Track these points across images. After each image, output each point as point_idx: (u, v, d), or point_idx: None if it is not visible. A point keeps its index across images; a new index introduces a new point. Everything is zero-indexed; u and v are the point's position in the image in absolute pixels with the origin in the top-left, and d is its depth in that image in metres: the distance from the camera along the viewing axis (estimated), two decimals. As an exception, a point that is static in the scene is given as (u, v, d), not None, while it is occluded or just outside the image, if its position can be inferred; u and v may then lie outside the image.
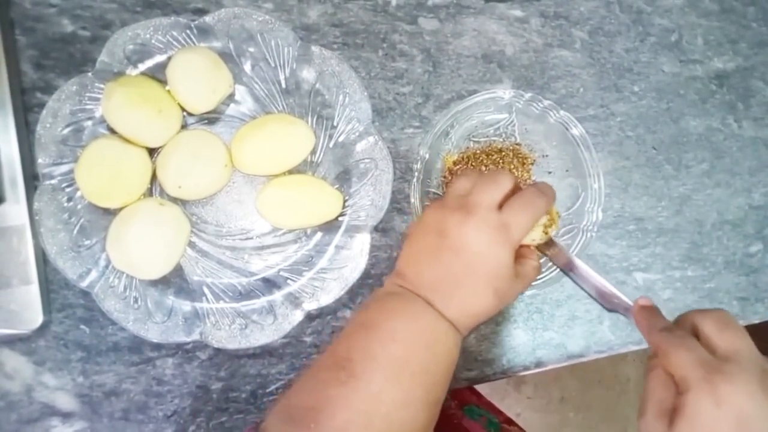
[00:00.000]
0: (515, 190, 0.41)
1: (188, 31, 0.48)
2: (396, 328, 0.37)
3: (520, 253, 0.42)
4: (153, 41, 0.47)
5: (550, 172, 0.52)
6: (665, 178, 0.55)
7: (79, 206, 0.46)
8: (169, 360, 0.48)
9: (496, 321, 0.52)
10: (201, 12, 0.50)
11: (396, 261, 0.42)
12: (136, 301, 0.46)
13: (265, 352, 0.49)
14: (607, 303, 0.44)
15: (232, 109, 0.49)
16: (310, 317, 0.49)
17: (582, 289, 0.47)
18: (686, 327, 0.36)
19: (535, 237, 0.43)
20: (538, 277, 0.50)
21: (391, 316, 0.38)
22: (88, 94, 0.46)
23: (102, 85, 0.46)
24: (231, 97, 0.49)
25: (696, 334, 0.35)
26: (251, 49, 0.49)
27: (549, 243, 0.46)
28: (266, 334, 0.47)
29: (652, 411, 0.34)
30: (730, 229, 0.56)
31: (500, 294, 0.39)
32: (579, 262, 0.46)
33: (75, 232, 0.46)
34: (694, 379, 0.32)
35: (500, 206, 0.40)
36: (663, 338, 0.35)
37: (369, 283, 0.50)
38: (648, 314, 0.39)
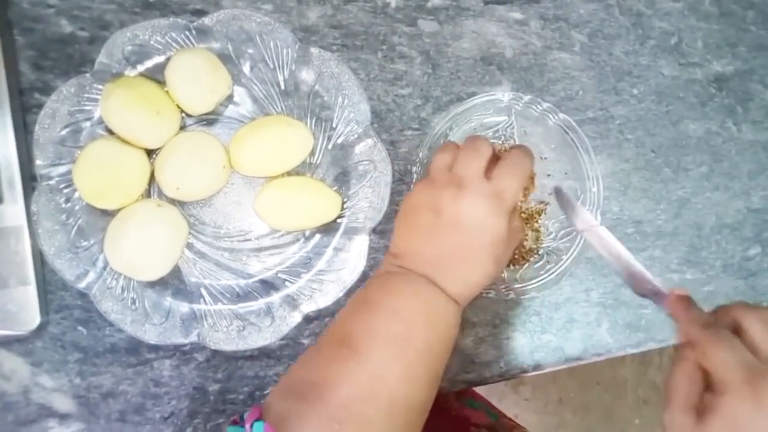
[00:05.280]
0: (495, 155, 0.41)
1: (187, 33, 0.47)
2: (398, 306, 0.37)
3: None
4: (152, 42, 0.47)
5: (549, 175, 0.52)
6: (664, 181, 0.55)
7: (76, 207, 0.46)
8: (166, 362, 0.48)
9: (493, 324, 0.52)
10: (200, 13, 0.50)
11: (391, 241, 0.42)
12: (133, 302, 0.46)
13: (263, 354, 0.49)
14: (637, 287, 0.41)
15: (231, 111, 0.49)
16: (308, 319, 0.49)
17: (611, 266, 0.42)
18: (727, 321, 0.35)
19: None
20: (538, 279, 0.50)
21: (392, 295, 0.38)
22: (86, 95, 0.46)
23: (100, 86, 0.46)
24: (230, 99, 0.49)
25: (736, 329, 0.34)
26: (250, 51, 0.49)
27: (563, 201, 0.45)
28: (264, 336, 0.47)
29: (678, 404, 0.33)
30: (728, 233, 0.56)
31: (499, 260, 0.40)
32: (608, 237, 0.42)
33: (73, 233, 0.46)
34: (735, 380, 0.31)
35: (485, 174, 0.40)
36: (705, 335, 0.34)
37: (367, 285, 0.50)
38: (686, 305, 0.37)
